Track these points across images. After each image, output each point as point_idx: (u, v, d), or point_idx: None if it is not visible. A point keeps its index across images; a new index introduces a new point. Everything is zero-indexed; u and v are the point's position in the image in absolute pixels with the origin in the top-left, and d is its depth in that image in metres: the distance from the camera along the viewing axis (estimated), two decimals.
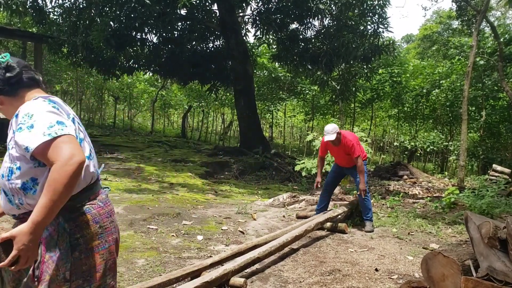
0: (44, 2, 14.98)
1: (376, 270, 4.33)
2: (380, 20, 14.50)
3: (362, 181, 5.94)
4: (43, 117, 1.68)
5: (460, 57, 18.25)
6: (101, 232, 1.83)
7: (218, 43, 17.09)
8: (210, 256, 4.30)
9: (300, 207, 7.59)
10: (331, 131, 5.82)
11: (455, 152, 17.09)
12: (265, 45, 19.50)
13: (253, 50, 19.27)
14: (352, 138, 6.03)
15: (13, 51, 19.58)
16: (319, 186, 6.36)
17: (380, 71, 19.42)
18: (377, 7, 14.36)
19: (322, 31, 15.48)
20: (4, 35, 14.35)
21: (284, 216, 6.80)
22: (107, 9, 13.31)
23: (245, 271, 4.02)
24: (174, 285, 3.46)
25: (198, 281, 3.37)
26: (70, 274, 1.71)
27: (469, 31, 17.99)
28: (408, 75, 20.08)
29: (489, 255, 2.74)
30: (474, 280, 2.61)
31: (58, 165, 1.58)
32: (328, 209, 6.42)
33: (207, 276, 3.46)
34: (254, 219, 6.46)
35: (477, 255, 2.94)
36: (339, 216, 6.11)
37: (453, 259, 2.93)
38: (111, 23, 13.01)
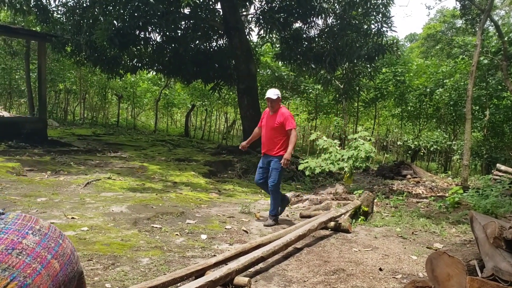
0: (48, 1, 15.01)
1: (380, 269, 4.32)
2: (384, 19, 14.47)
3: (289, 150, 5.82)
4: None
5: (464, 56, 18.20)
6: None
7: (222, 42, 17.08)
8: (214, 255, 4.31)
9: (303, 207, 7.59)
10: (274, 93, 5.95)
11: (459, 151, 17.05)
12: (269, 44, 19.47)
13: (257, 49, 19.25)
14: (288, 112, 6.04)
15: (17, 50, 19.65)
16: (245, 148, 6.36)
17: (384, 70, 19.39)
18: (380, 6, 14.33)
19: (326, 30, 15.46)
20: (8, 33, 14.38)
21: (287, 215, 6.80)
22: (111, 8, 13.33)
23: (249, 270, 4.02)
24: (178, 284, 3.46)
25: (202, 280, 3.37)
26: None
27: (473, 30, 17.94)
28: (411, 74, 20.04)
29: (494, 255, 2.73)
30: (479, 280, 2.60)
31: None
32: (331, 209, 6.41)
33: (211, 275, 3.46)
34: (258, 219, 6.46)
35: (483, 255, 2.93)
36: (343, 216, 6.09)
37: (458, 259, 2.92)
38: (115, 22, 13.01)
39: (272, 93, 5.92)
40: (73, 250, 1.45)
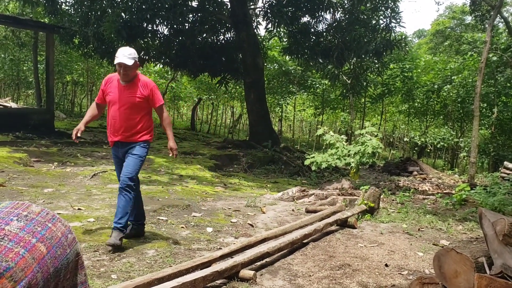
0: None
1: (386, 265, 4.31)
2: (393, 14, 14.40)
3: (171, 136, 4.52)
4: None
5: (472, 53, 18.07)
6: None
7: (229, 36, 17.04)
8: (220, 248, 4.31)
9: (309, 201, 7.57)
10: (128, 54, 4.15)
11: (466, 148, 16.96)
12: (276, 38, 19.41)
13: (264, 43, 19.20)
14: (152, 82, 4.45)
15: (25, 41, 19.70)
16: (78, 135, 4.32)
17: (392, 66, 19.30)
18: (389, 1, 14.26)
19: (334, 24, 15.39)
20: (16, 25, 14.41)
21: (293, 210, 6.79)
22: (119, 0, 13.32)
23: (255, 264, 4.01)
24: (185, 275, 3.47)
25: (208, 270, 3.39)
26: None
27: (483, 26, 17.78)
28: (419, 70, 19.95)
29: (503, 252, 2.70)
30: (487, 277, 2.58)
31: None
32: (338, 207, 6.33)
33: (217, 266, 3.47)
34: (263, 213, 6.45)
35: (491, 252, 2.90)
36: (349, 219, 5.93)
37: (466, 256, 2.90)
38: (123, 14, 13.02)
39: (126, 54, 4.13)
40: (65, 233, 1.44)
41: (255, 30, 16.08)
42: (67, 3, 15.67)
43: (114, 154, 4.52)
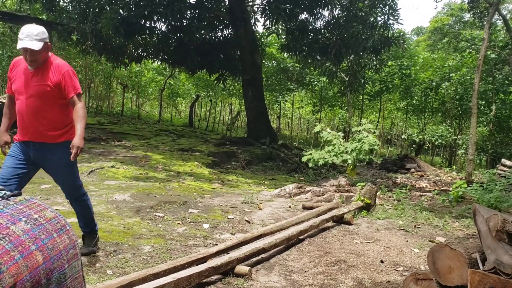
0: None
1: (382, 261, 4.32)
2: (391, 11, 14.37)
3: (80, 133, 3.41)
4: None
5: (471, 50, 18.09)
6: None
7: (227, 32, 17.01)
8: (216, 244, 4.32)
9: (306, 198, 7.59)
10: (35, 35, 3.31)
11: (464, 146, 16.98)
12: (274, 35, 19.40)
13: (262, 40, 19.18)
14: (68, 65, 3.54)
15: None
16: (6, 151, 3.58)
17: (390, 63, 19.29)
18: None
19: (332, 21, 15.37)
20: (14, 21, 14.40)
21: (290, 207, 6.80)
22: None
23: (250, 260, 4.02)
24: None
25: (204, 266, 3.40)
26: None
27: (481, 24, 17.81)
28: (417, 67, 19.94)
29: (496, 248, 2.72)
30: (481, 273, 2.59)
31: None
32: (334, 204, 6.36)
33: (213, 262, 3.48)
34: (260, 209, 6.47)
35: (485, 248, 2.92)
36: (345, 215, 5.94)
37: (460, 251, 2.91)
38: (120, 11, 12.99)
39: (32, 36, 3.29)
40: (68, 247, 1.42)
41: (253, 27, 16.07)
42: (65, 0, 15.63)
43: (15, 151, 3.50)
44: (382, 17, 14.60)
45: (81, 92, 3.58)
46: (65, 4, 15.78)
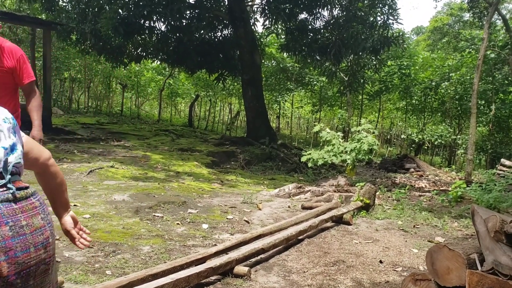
0: None
1: (381, 262, 4.33)
2: (390, 11, 14.37)
3: (37, 123, 3.37)
4: None
5: (470, 50, 18.08)
6: None
7: (227, 32, 17.01)
8: (215, 245, 4.32)
9: (305, 198, 7.59)
10: None
11: (463, 145, 16.98)
12: (274, 35, 19.38)
13: (262, 40, 19.16)
14: (20, 49, 3.38)
15: (22, 37, 19.64)
16: None
17: (389, 63, 19.28)
18: None
19: (331, 21, 15.37)
20: (13, 21, 14.35)
21: (289, 207, 6.80)
22: None
23: (249, 260, 4.03)
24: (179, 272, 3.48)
25: (202, 266, 3.40)
26: None
27: (481, 23, 17.78)
28: (417, 67, 19.93)
29: (495, 249, 2.72)
30: (479, 273, 2.59)
31: None
32: (333, 204, 6.35)
33: (212, 263, 3.49)
34: (260, 209, 6.47)
35: (483, 249, 2.92)
36: (344, 215, 5.95)
37: (459, 252, 2.91)
38: (120, 10, 12.99)
39: None
40: (39, 264, 1.35)
41: (253, 27, 16.06)
42: (64, 0, 15.64)
43: None
44: (382, 17, 14.61)
45: (35, 79, 3.41)
46: (64, 4, 15.79)
